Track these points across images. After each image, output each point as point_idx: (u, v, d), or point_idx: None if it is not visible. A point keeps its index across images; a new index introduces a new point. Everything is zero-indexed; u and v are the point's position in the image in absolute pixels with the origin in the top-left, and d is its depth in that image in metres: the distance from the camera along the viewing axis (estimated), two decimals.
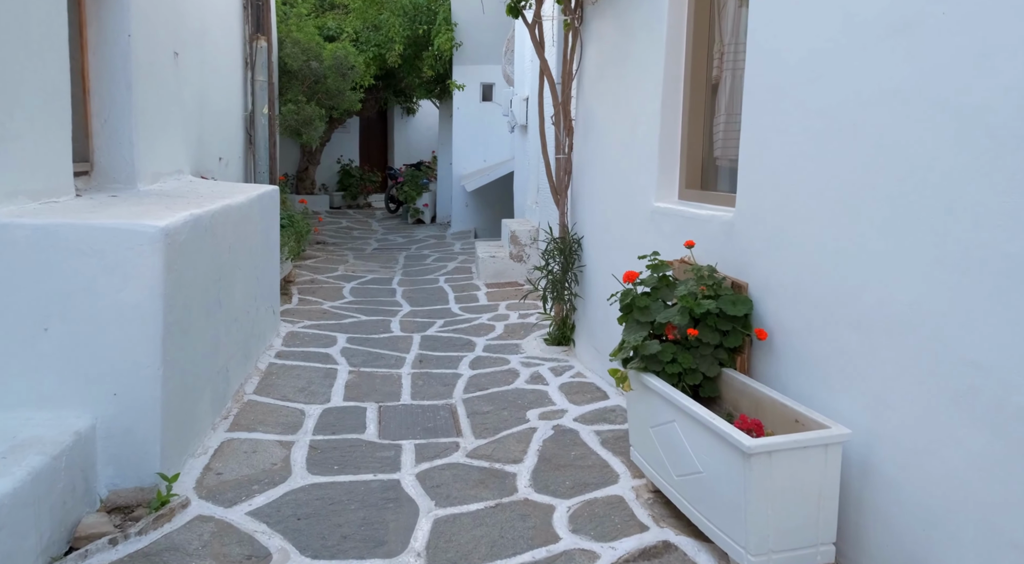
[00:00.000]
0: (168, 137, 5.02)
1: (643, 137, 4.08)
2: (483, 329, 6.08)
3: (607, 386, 4.53)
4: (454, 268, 8.94)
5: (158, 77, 4.77)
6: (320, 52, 8.97)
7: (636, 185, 4.17)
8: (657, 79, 3.90)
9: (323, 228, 12.47)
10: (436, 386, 4.67)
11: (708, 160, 3.84)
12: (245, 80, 7.63)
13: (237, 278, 4.26)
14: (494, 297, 7.26)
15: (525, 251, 7.94)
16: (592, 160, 4.96)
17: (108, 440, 2.90)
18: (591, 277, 4.99)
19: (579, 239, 5.20)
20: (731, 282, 3.10)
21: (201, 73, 5.99)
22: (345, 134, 16.66)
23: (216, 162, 6.57)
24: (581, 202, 5.22)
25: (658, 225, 3.88)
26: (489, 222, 12.55)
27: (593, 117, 4.93)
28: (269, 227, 5.27)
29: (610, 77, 4.60)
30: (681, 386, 2.93)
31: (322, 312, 6.50)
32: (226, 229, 4.01)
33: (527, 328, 6.03)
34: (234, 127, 7.27)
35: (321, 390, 4.48)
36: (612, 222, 4.55)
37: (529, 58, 8.87)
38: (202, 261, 3.54)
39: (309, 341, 5.50)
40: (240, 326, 4.36)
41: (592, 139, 4.96)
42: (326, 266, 8.78)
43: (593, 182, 4.93)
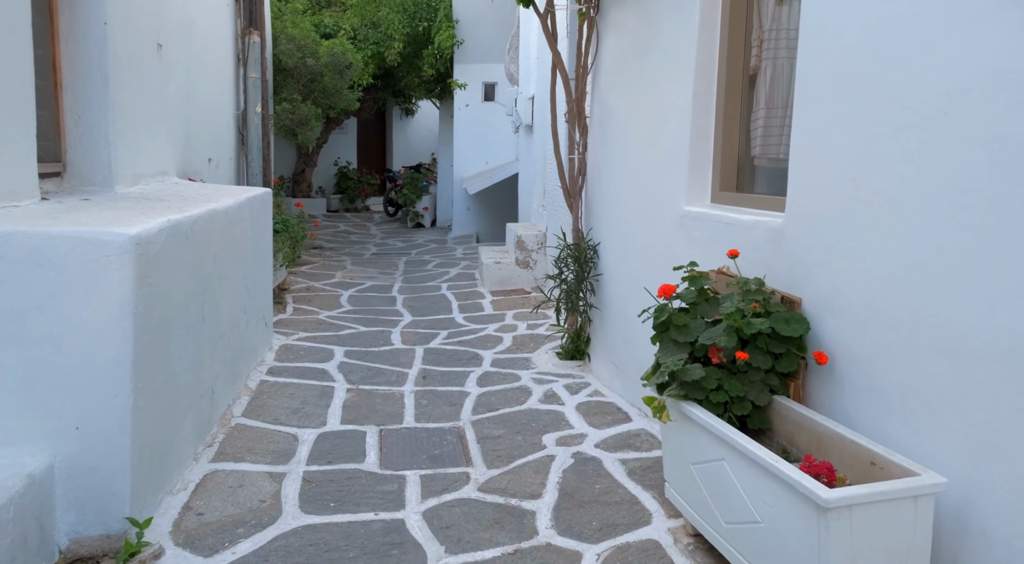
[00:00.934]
0: (151, 136, 4.64)
1: (671, 135, 3.71)
2: (490, 341, 5.70)
3: (628, 406, 4.15)
4: (456, 274, 8.56)
5: (139, 70, 4.39)
6: (316, 49, 8.59)
7: (662, 187, 3.80)
8: (687, 71, 3.53)
9: (320, 232, 12.09)
10: (442, 406, 4.29)
11: (744, 159, 3.47)
12: (237, 77, 7.25)
13: (224, 290, 3.88)
14: (500, 306, 6.88)
15: (532, 257, 7.56)
16: (610, 160, 4.58)
17: (69, 481, 2.51)
18: (609, 287, 4.61)
19: (595, 246, 4.82)
20: (780, 297, 2.73)
21: (188, 68, 5.61)
22: (343, 135, 16.29)
23: (205, 163, 6.19)
24: (597, 206, 4.85)
25: (689, 231, 3.50)
26: (491, 226, 12.18)
27: (611, 114, 4.56)
28: (261, 233, 4.89)
29: (631, 70, 4.23)
30: (727, 416, 2.56)
31: (318, 323, 6.12)
32: (211, 236, 3.63)
33: (537, 340, 5.65)
34: (225, 126, 6.89)
35: (316, 411, 4.10)
36: (634, 228, 4.18)
37: (535, 55, 8.50)
38: (182, 273, 3.16)
39: (304, 355, 5.12)
40: (228, 342, 3.97)
41: (610, 138, 4.59)
42: (323, 272, 8.40)
43: (611, 184, 4.56)
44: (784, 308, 2.64)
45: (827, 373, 2.53)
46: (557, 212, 6.73)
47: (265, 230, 5.05)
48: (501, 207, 12.14)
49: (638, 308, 4.06)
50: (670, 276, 3.60)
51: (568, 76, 4.98)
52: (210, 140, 6.32)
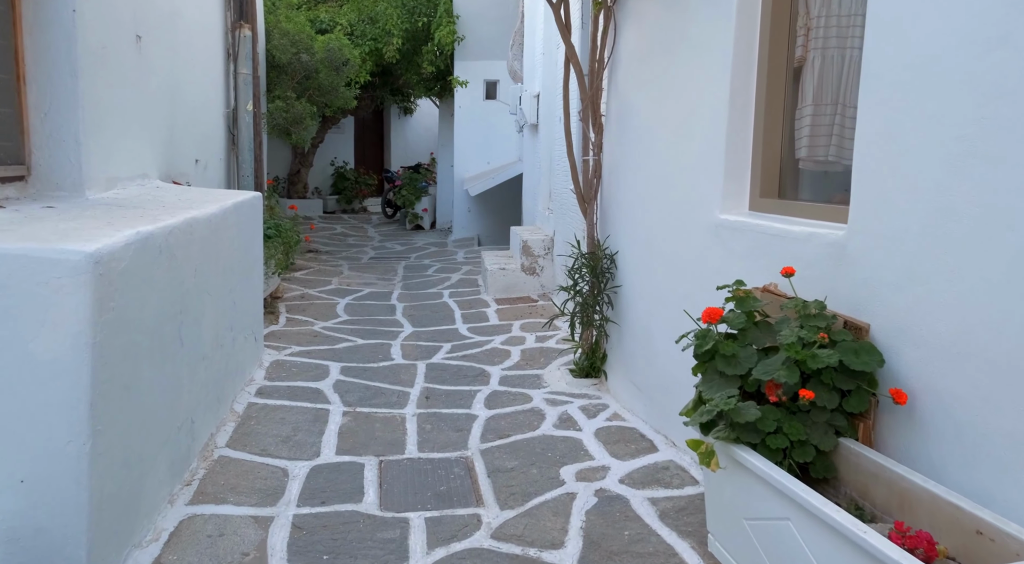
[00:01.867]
0: (128, 135, 4.26)
1: (703, 134, 3.33)
2: (497, 356, 5.32)
3: (653, 432, 3.77)
4: (458, 280, 8.18)
5: (115, 64, 4.01)
6: (311, 44, 8.21)
7: (692, 193, 3.42)
8: (723, 64, 3.15)
9: (316, 235, 11.71)
10: (447, 431, 3.91)
11: (787, 162, 3.09)
12: (227, 73, 6.86)
13: (206, 307, 3.50)
14: (506, 315, 6.50)
15: (538, 263, 7.19)
16: (629, 162, 4.21)
17: (12, 545, 2.13)
18: (629, 300, 4.23)
19: (612, 255, 4.44)
20: (843, 322, 2.36)
21: (172, 62, 5.22)
22: (339, 135, 15.89)
23: (192, 165, 5.81)
24: (614, 211, 4.47)
25: (725, 243, 3.12)
26: (493, 229, 11.80)
27: (631, 112, 4.19)
28: (250, 241, 4.50)
29: (656, 64, 3.86)
30: (787, 464, 2.19)
31: (313, 335, 5.73)
32: (190, 248, 3.25)
33: (547, 354, 5.27)
34: (214, 125, 6.51)
35: (309, 439, 3.71)
36: (658, 237, 3.80)
37: (540, 51, 8.13)
38: (154, 291, 2.78)
39: (297, 373, 4.74)
40: (211, 364, 3.59)
41: (629, 138, 4.21)
42: (318, 279, 8.01)
43: (631, 188, 4.18)
44: (849, 336, 2.26)
45: (905, 414, 2.16)
46: (566, 216, 6.36)
47: (254, 238, 4.67)
48: (503, 209, 11.76)
49: (663, 325, 3.69)
50: (702, 291, 3.23)
51: (582, 71, 4.60)
52: (197, 140, 5.94)
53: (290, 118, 7.76)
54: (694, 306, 3.36)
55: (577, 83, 4.59)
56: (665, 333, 3.69)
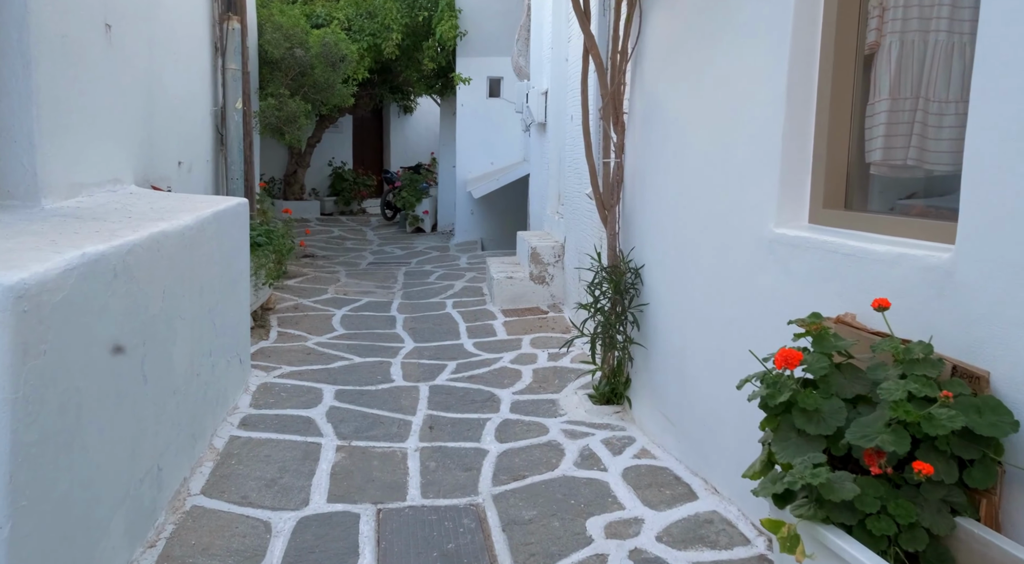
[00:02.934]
0: (96, 136, 3.80)
1: (751, 134, 2.87)
2: (507, 376, 4.86)
3: (689, 474, 3.32)
4: (462, 288, 7.72)
5: (79, 55, 3.55)
6: (306, 39, 7.75)
7: (739, 202, 2.96)
8: (779, 52, 2.69)
9: (313, 238, 11.25)
10: (454, 470, 3.46)
11: (856, 167, 2.63)
12: (214, 69, 6.40)
13: (178, 333, 3.04)
14: (514, 329, 6.04)
15: (548, 271, 6.73)
16: (657, 166, 3.75)
17: None
18: (658, 321, 3.77)
19: (637, 269, 3.98)
20: (951, 368, 1.90)
21: (151, 55, 4.76)
22: (337, 134, 15.42)
23: (174, 167, 5.34)
24: (639, 221, 4.01)
25: (782, 261, 2.66)
26: (497, 232, 11.34)
27: (659, 109, 3.73)
28: (233, 253, 4.05)
29: (691, 54, 3.40)
30: (892, 552, 1.73)
31: (305, 353, 5.27)
32: (157, 267, 2.79)
33: (562, 375, 4.82)
34: (199, 124, 6.05)
35: (297, 483, 3.26)
36: (694, 252, 3.34)
37: (548, 45, 7.67)
38: (107, 323, 2.32)
39: (286, 399, 4.28)
40: (185, 399, 3.14)
41: (657, 138, 3.75)
42: (313, 287, 7.55)
43: (659, 195, 3.73)
44: (965, 387, 1.80)
45: None
46: (578, 222, 5.90)
47: (239, 249, 4.21)
48: (507, 212, 11.31)
49: (701, 353, 3.23)
50: (751, 317, 2.78)
51: (603, 64, 4.14)
52: (180, 140, 5.47)
53: (283, 117, 7.30)
54: (740, 334, 2.90)
55: (597, 77, 4.13)
56: (704, 362, 3.23)
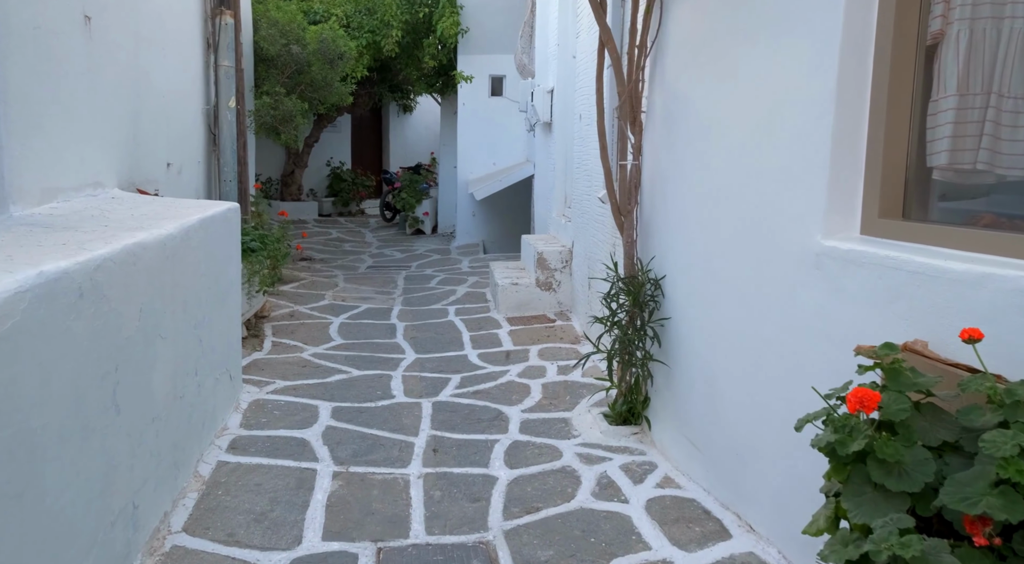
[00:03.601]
0: (74, 136, 3.51)
1: (793, 135, 2.59)
2: (514, 392, 4.57)
3: (719, 507, 3.03)
4: (465, 294, 7.43)
5: (54, 49, 3.27)
6: (302, 35, 7.45)
7: (778, 210, 2.68)
8: (828, 43, 2.41)
9: (311, 240, 10.96)
10: (461, 501, 3.17)
11: (916, 172, 2.35)
12: (206, 65, 6.11)
13: (158, 354, 2.76)
14: (520, 338, 5.75)
15: (555, 277, 6.44)
16: (682, 168, 3.47)
17: None
18: (682, 338, 3.49)
19: (657, 280, 3.70)
20: None
21: (136, 50, 4.47)
22: (335, 134, 15.13)
23: (163, 169, 5.06)
24: (660, 228, 3.73)
25: (832, 278, 2.38)
26: (499, 234, 11.07)
27: (683, 108, 3.44)
28: (223, 262, 3.76)
29: (720, 47, 3.11)
30: None
31: (301, 365, 4.99)
32: (134, 283, 2.51)
33: (573, 391, 4.53)
34: (190, 124, 5.76)
35: (290, 516, 2.97)
36: (724, 264, 3.06)
37: (554, 42, 7.39)
38: (70, 351, 2.03)
39: (279, 418, 3.99)
40: (166, 425, 2.85)
41: (680, 139, 3.47)
42: (310, 292, 7.26)
43: (683, 201, 3.44)
44: None
45: None
46: (588, 227, 5.62)
47: (230, 257, 3.93)
48: (510, 213, 11.03)
49: (733, 374, 2.95)
50: (794, 338, 2.51)
51: (620, 60, 3.86)
52: (169, 141, 5.18)
53: (279, 116, 7.00)
54: (779, 357, 2.62)
55: (613, 74, 3.84)
56: (736, 385, 2.95)
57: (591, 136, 5.68)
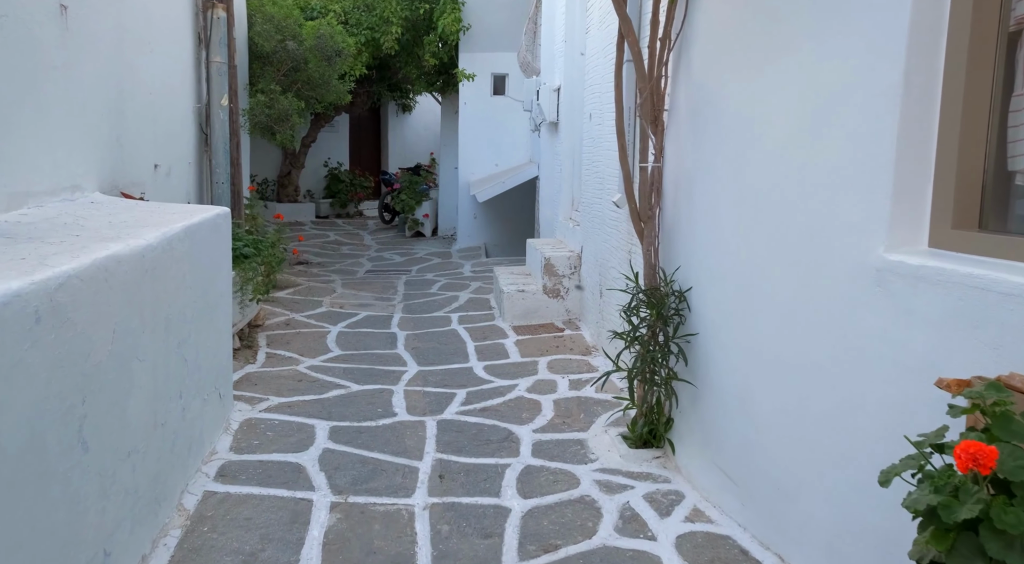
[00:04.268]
0: (48, 135, 3.22)
1: (848, 134, 2.31)
2: (524, 408, 4.29)
3: (759, 548, 2.74)
4: (467, 300, 7.14)
5: (24, 40, 2.98)
6: (298, 31, 7.17)
7: (828, 217, 2.39)
8: (892, 31, 2.12)
9: (308, 243, 10.67)
10: (471, 537, 2.88)
11: (995, 177, 2.06)
12: (198, 62, 5.82)
13: (134, 380, 2.46)
14: (528, 349, 5.46)
15: (563, 284, 6.16)
16: (711, 170, 3.18)
17: None
18: (712, 356, 3.20)
19: (682, 292, 3.41)
20: None
21: (120, 44, 4.18)
22: (333, 134, 14.82)
23: (150, 171, 4.76)
24: (685, 235, 3.44)
25: (898, 297, 2.09)
26: (502, 237, 10.78)
27: (713, 104, 3.16)
28: (211, 272, 3.47)
29: (758, 38, 2.83)
30: None
31: (296, 379, 4.69)
32: (105, 302, 2.22)
33: (587, 407, 4.24)
34: (180, 123, 5.46)
35: (283, 557, 2.68)
36: (762, 276, 2.77)
37: (561, 38, 7.10)
38: (23, 386, 1.74)
39: (273, 439, 3.70)
40: (144, 458, 2.56)
41: (711, 139, 3.19)
42: (307, 299, 6.97)
43: (714, 206, 3.16)
44: None
45: None
46: (599, 232, 5.34)
47: (219, 267, 3.63)
48: (512, 215, 10.74)
49: (772, 397, 2.66)
50: (850, 363, 2.23)
51: (641, 53, 3.57)
52: (157, 141, 4.89)
53: (274, 115, 6.71)
54: (831, 385, 2.34)
55: (635, 68, 3.56)
56: (777, 412, 2.66)
57: (603, 136, 5.40)
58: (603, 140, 5.39)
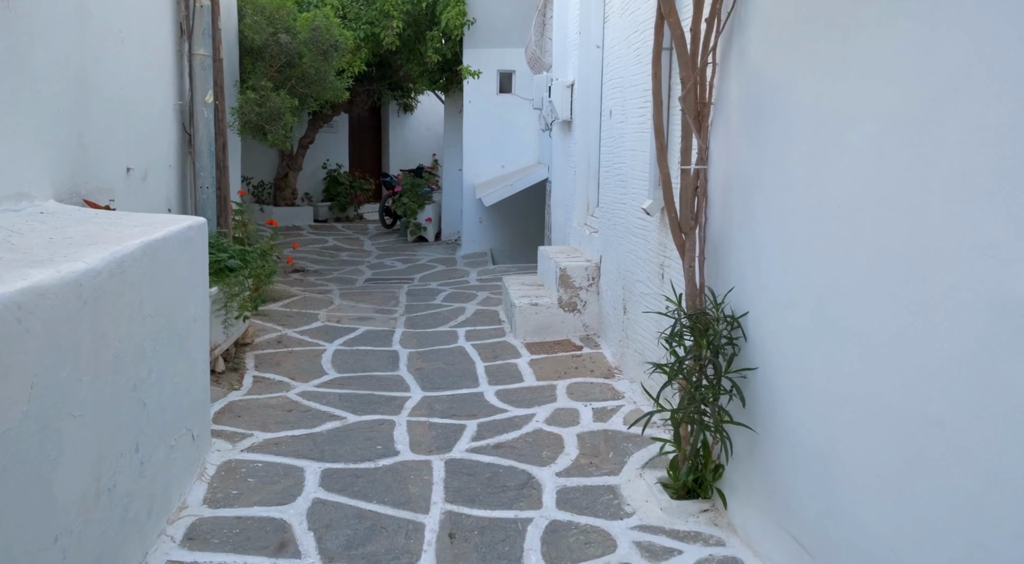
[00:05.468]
0: None
1: (976, 127, 1.78)
2: (544, 444, 3.76)
3: None
4: (475, 313, 6.62)
5: None
6: (292, 23, 6.65)
7: (950, 233, 1.87)
8: None
9: (305, 249, 10.16)
10: None
11: None
12: (180, 55, 5.30)
13: (64, 443, 1.94)
14: (544, 370, 4.94)
15: (580, 297, 5.64)
16: (780, 174, 2.66)
17: None
18: (775, 394, 2.67)
19: (736, 318, 2.89)
20: None
21: (82, 30, 3.66)
22: (331, 134, 14.30)
23: (121, 175, 4.25)
24: (742, 250, 2.91)
25: None
26: (509, 242, 10.26)
27: (778, 96, 2.63)
28: (180, 295, 2.95)
29: (843, 12, 2.30)
30: None
31: (286, 409, 4.17)
32: (15, 349, 1.70)
33: (616, 444, 3.72)
34: (158, 122, 4.94)
35: None
36: (853, 304, 2.24)
37: (575, 30, 6.58)
38: None
39: (255, 487, 3.18)
40: (78, 541, 2.03)
41: (775, 137, 2.66)
42: (302, 312, 6.45)
43: (783, 217, 2.63)
44: None
45: None
46: (622, 240, 4.82)
47: (192, 287, 3.11)
48: (520, 219, 10.23)
49: (866, 455, 2.13)
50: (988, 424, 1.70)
51: (684, 36, 3.05)
52: (129, 141, 4.38)
53: (265, 113, 6.18)
54: (962, 447, 1.82)
55: (676, 53, 3.04)
56: (875, 476, 2.14)
57: (625, 134, 4.88)
58: (625, 139, 4.88)
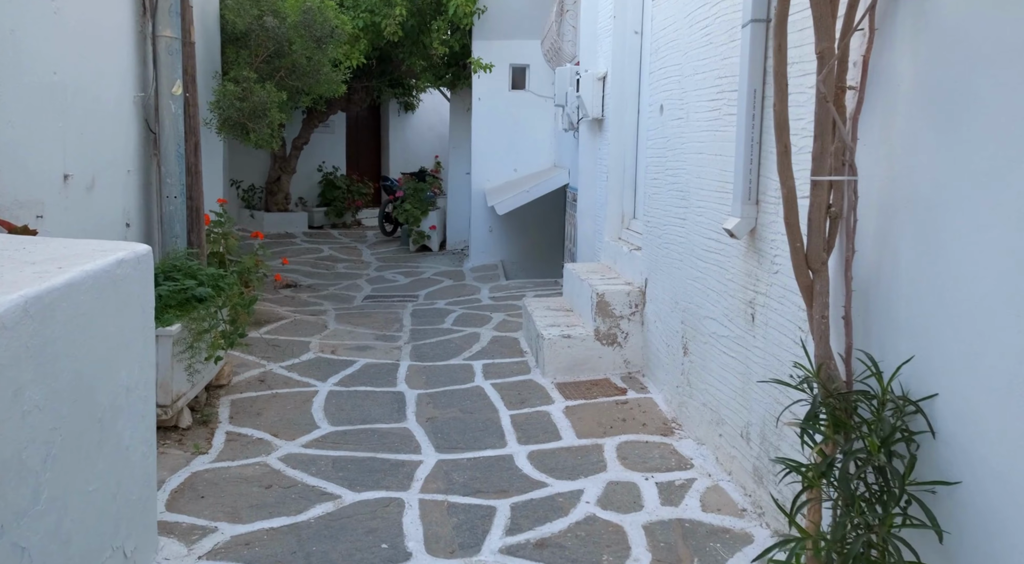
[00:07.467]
0: None
1: None
2: (602, 541, 2.84)
3: None
4: (492, 341, 5.71)
5: None
6: (280, 5, 5.74)
7: None
8: None
9: (297, 260, 9.24)
10: None
11: None
12: (143, 37, 4.39)
13: None
14: (585, 423, 4.02)
15: (620, 327, 4.73)
16: (1003, 194, 1.74)
17: None
18: (997, 526, 1.75)
19: (916, 402, 1.97)
20: None
21: None
22: (328, 135, 13.35)
23: (57, 186, 3.34)
24: (923, 300, 2.00)
25: None
26: (521, 254, 9.36)
27: (1000, 72, 1.72)
28: (101, 361, 2.04)
29: None
30: None
31: (264, 484, 3.25)
32: None
33: (698, 541, 2.80)
34: (111, 117, 4.03)
35: None
36: None
37: (609, 14, 5.67)
38: None
39: None
40: None
41: (998, 136, 1.75)
42: (291, 340, 5.53)
43: (1010, 257, 1.72)
44: None
45: None
46: (680, 263, 3.91)
47: (123, 345, 2.20)
48: (534, 228, 9.33)
49: None
50: None
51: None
52: (68, 141, 3.47)
53: (247, 109, 5.27)
54: None
55: (813, 15, 2.12)
56: None
57: (685, 134, 3.98)
58: (686, 140, 3.97)
